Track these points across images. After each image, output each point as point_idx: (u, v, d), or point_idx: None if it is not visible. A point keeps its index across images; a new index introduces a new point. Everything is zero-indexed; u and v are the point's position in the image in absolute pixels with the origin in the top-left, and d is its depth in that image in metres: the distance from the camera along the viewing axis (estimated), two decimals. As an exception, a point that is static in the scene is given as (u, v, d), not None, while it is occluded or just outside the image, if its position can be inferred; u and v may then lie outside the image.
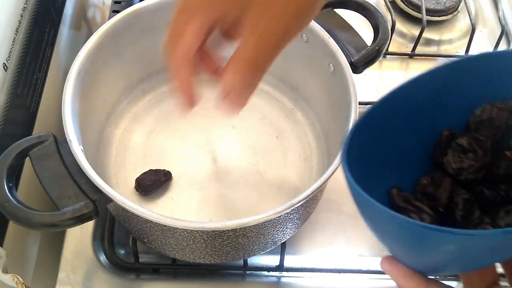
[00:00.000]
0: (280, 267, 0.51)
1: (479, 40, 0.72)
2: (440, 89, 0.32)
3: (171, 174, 0.52)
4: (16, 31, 0.50)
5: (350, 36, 0.50)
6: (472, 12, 0.70)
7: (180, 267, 0.51)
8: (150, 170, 0.52)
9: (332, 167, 0.41)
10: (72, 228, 0.52)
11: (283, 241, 0.49)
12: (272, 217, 0.39)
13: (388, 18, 0.58)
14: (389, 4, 0.70)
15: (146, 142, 0.56)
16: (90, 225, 0.53)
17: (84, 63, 0.47)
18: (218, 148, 0.55)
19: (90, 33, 0.63)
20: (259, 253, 0.48)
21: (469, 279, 0.29)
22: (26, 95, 0.52)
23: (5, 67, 0.48)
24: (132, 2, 0.62)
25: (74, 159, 0.41)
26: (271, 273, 0.52)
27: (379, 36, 0.50)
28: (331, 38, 0.49)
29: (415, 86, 0.31)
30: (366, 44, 0.50)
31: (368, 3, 0.52)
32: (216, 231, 0.40)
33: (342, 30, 0.51)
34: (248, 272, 0.52)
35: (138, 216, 0.39)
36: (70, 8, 0.66)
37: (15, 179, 0.41)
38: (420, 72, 0.31)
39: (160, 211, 0.39)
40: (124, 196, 0.39)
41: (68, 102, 0.44)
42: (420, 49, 0.70)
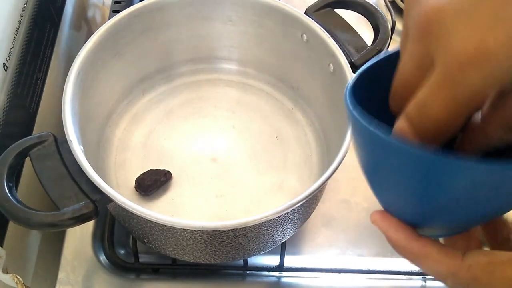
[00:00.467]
0: (280, 267, 0.51)
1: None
2: None
3: (171, 174, 0.52)
4: (16, 31, 0.51)
5: (350, 36, 0.50)
6: (472, 12, 0.70)
7: (180, 267, 0.51)
8: (150, 170, 0.52)
9: (332, 167, 0.41)
10: (72, 228, 0.52)
11: (283, 241, 0.48)
12: (272, 217, 0.39)
13: (388, 18, 0.58)
14: (389, 4, 0.70)
15: (146, 142, 0.56)
16: (90, 225, 0.53)
17: (84, 63, 0.47)
18: (218, 148, 0.55)
19: (90, 33, 0.63)
20: (259, 253, 0.48)
21: (454, 244, 0.29)
22: (26, 95, 0.52)
23: (5, 67, 0.48)
24: (132, 2, 0.62)
25: (74, 159, 0.41)
26: (271, 273, 0.52)
27: (379, 36, 0.50)
28: (331, 38, 0.49)
29: None
30: (366, 44, 0.50)
31: (368, 3, 0.52)
32: (216, 231, 0.40)
33: (342, 30, 0.51)
34: (248, 272, 0.52)
35: (138, 216, 0.39)
36: (70, 8, 0.66)
37: (15, 179, 0.41)
38: None
39: (160, 211, 0.39)
40: (124, 196, 0.39)
41: (68, 102, 0.44)
42: (420, 49, 0.70)
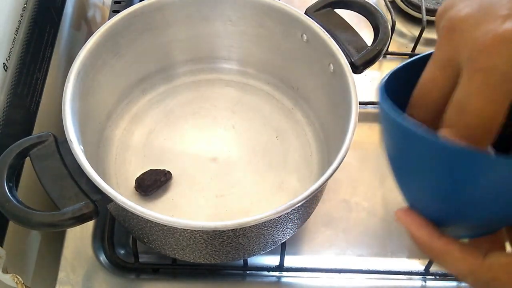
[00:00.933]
0: (280, 267, 0.51)
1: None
2: None
3: (171, 174, 0.52)
4: (16, 31, 0.51)
5: (350, 36, 0.50)
6: (472, 12, 0.70)
7: (180, 267, 0.51)
8: (150, 170, 0.52)
9: (332, 167, 0.41)
10: (72, 228, 0.52)
11: (283, 241, 0.48)
12: (272, 217, 0.39)
13: (388, 18, 0.58)
14: (389, 4, 0.70)
15: (146, 142, 0.56)
16: (90, 225, 0.53)
17: (84, 63, 0.47)
18: (218, 148, 0.55)
19: (90, 33, 0.63)
20: (259, 253, 0.48)
21: (478, 246, 0.29)
22: (26, 95, 0.52)
23: (5, 67, 0.48)
24: (132, 2, 0.62)
25: (74, 159, 0.41)
26: (271, 273, 0.52)
27: (379, 36, 0.50)
28: (331, 38, 0.49)
29: None
30: (366, 44, 0.50)
31: (368, 3, 0.52)
32: (216, 231, 0.40)
33: (342, 30, 0.50)
34: (248, 272, 0.52)
35: (138, 216, 0.39)
36: (70, 8, 0.66)
37: (15, 179, 0.41)
38: None
39: (160, 211, 0.38)
40: (124, 196, 0.39)
41: (68, 102, 0.44)
42: (420, 49, 0.70)
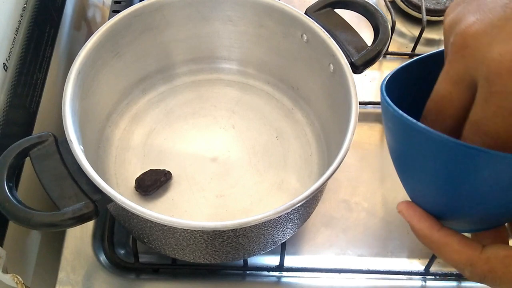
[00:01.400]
0: (280, 267, 0.51)
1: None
2: None
3: (171, 174, 0.52)
4: (16, 31, 0.50)
5: (350, 36, 0.50)
6: (472, 12, 0.70)
7: (180, 267, 0.51)
8: (150, 170, 0.52)
9: (332, 167, 0.41)
10: (72, 228, 0.52)
11: (283, 241, 0.48)
12: (272, 217, 0.39)
13: (388, 18, 0.58)
14: (389, 4, 0.70)
15: (146, 142, 0.56)
16: (90, 225, 0.53)
17: (84, 63, 0.47)
18: (218, 148, 0.55)
19: (90, 33, 0.63)
20: (259, 253, 0.48)
21: (480, 240, 0.29)
22: (26, 95, 0.51)
23: (5, 67, 0.48)
24: (132, 2, 0.62)
25: (74, 159, 0.41)
26: (271, 273, 0.52)
27: (379, 36, 0.50)
28: (331, 38, 0.49)
29: None
30: (366, 44, 0.50)
31: (368, 3, 0.52)
32: (216, 231, 0.40)
33: (342, 30, 0.50)
34: (248, 272, 0.52)
35: (138, 216, 0.39)
36: (70, 8, 0.66)
37: (15, 179, 0.41)
38: None
39: (160, 211, 0.39)
40: (124, 196, 0.39)
41: (68, 102, 0.44)
42: (420, 49, 0.70)
